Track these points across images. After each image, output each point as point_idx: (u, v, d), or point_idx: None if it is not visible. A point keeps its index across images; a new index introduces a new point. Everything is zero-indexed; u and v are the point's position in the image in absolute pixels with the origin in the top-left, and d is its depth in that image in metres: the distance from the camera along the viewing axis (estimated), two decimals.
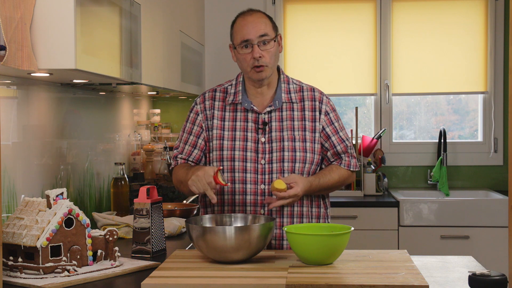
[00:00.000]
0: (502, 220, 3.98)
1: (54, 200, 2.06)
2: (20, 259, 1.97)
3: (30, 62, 2.00)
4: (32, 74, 2.32)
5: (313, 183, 2.38)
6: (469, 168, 4.62)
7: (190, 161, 2.50)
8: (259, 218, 2.22)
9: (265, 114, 2.46)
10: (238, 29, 2.42)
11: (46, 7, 2.05)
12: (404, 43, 4.60)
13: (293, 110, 2.47)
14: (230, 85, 2.53)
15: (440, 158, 4.46)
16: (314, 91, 2.52)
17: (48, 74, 2.36)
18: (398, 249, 3.70)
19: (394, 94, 4.64)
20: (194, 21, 4.24)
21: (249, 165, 2.42)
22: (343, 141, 2.50)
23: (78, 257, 2.04)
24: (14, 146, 2.50)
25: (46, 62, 2.07)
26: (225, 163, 2.44)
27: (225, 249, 2.01)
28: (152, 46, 3.05)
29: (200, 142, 2.50)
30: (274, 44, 2.42)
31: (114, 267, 2.08)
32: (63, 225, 2.02)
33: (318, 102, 2.49)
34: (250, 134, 2.44)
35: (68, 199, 2.08)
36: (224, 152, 2.44)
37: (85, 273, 2.00)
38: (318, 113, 2.48)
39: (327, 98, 2.53)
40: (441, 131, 4.48)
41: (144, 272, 2.06)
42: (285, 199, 2.29)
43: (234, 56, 2.47)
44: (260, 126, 2.45)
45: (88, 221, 2.09)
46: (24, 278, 1.93)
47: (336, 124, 2.50)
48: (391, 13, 4.59)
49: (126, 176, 3.17)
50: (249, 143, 2.44)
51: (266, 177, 2.42)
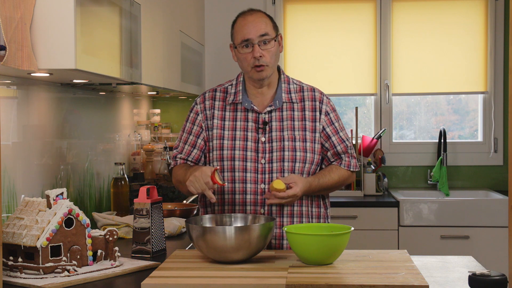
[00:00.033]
0: (502, 220, 3.97)
1: (54, 200, 2.05)
2: (20, 259, 1.97)
3: (30, 62, 2.00)
4: (32, 74, 2.32)
5: (312, 183, 2.39)
6: (469, 168, 4.62)
7: (189, 160, 2.50)
8: (259, 218, 2.22)
9: (265, 113, 2.46)
10: (239, 28, 2.42)
11: (46, 7, 2.05)
12: (404, 43, 4.60)
13: (293, 110, 2.47)
14: (231, 85, 2.53)
15: (440, 158, 4.46)
16: (314, 91, 2.52)
17: (48, 74, 2.36)
18: (398, 249, 3.70)
19: (394, 94, 4.64)
20: (194, 21, 4.24)
21: (249, 164, 2.42)
22: (343, 141, 2.50)
23: (78, 257, 2.04)
24: (14, 146, 2.50)
25: (46, 62, 2.07)
26: (225, 163, 2.44)
27: (225, 249, 2.01)
28: (152, 46, 3.05)
29: (199, 142, 2.50)
30: (274, 43, 2.42)
31: (114, 267, 2.08)
32: (63, 225, 2.02)
33: (318, 102, 2.49)
34: (250, 133, 2.45)
35: (68, 199, 2.08)
36: (224, 151, 2.44)
37: (85, 273, 1.99)
38: (318, 113, 2.48)
39: (328, 98, 2.53)
40: (441, 131, 4.48)
41: (144, 272, 2.06)
42: (283, 199, 2.30)
43: (235, 55, 2.47)
44: (260, 126, 2.45)
45: (88, 221, 2.09)
46: (24, 278, 1.93)
47: (336, 124, 2.50)
48: (391, 13, 4.59)
49: (126, 176, 3.17)
50: (249, 143, 2.44)
51: (266, 176, 2.42)
